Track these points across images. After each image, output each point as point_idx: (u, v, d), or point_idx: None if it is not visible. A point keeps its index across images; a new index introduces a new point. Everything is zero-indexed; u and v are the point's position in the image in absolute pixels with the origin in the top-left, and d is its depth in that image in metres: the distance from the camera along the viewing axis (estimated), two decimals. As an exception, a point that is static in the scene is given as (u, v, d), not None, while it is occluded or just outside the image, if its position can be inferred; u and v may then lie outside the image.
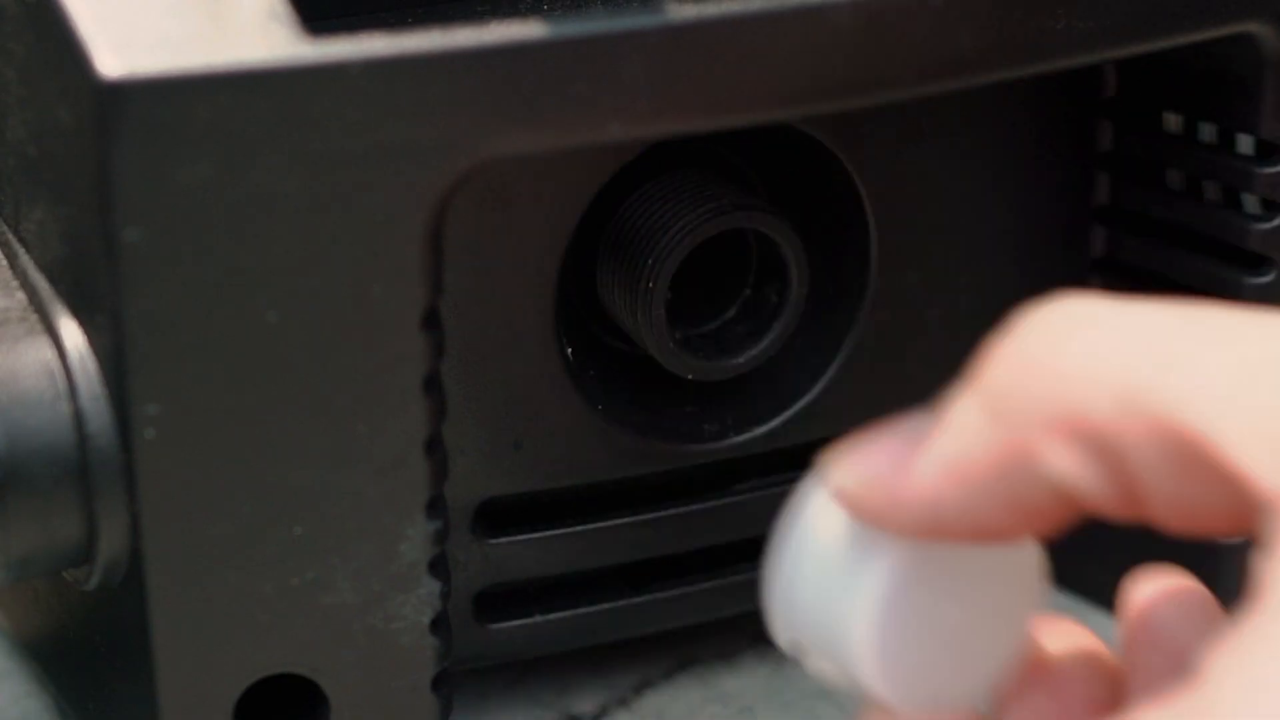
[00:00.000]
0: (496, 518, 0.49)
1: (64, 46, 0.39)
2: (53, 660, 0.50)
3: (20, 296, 0.43)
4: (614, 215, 0.48)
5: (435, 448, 0.43)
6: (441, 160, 0.40)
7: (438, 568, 0.43)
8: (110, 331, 0.40)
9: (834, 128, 0.49)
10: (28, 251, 0.44)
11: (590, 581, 0.50)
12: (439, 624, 0.44)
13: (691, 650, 0.54)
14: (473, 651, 0.49)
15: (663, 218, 0.48)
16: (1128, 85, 0.52)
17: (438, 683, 0.44)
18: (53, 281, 0.43)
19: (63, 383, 0.41)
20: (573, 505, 0.50)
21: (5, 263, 0.44)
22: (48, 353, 0.42)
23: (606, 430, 0.49)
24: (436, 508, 0.43)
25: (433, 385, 0.42)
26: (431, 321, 0.42)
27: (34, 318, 0.43)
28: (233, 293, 0.40)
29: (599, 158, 0.47)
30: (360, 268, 0.40)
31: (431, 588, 0.43)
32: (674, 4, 0.41)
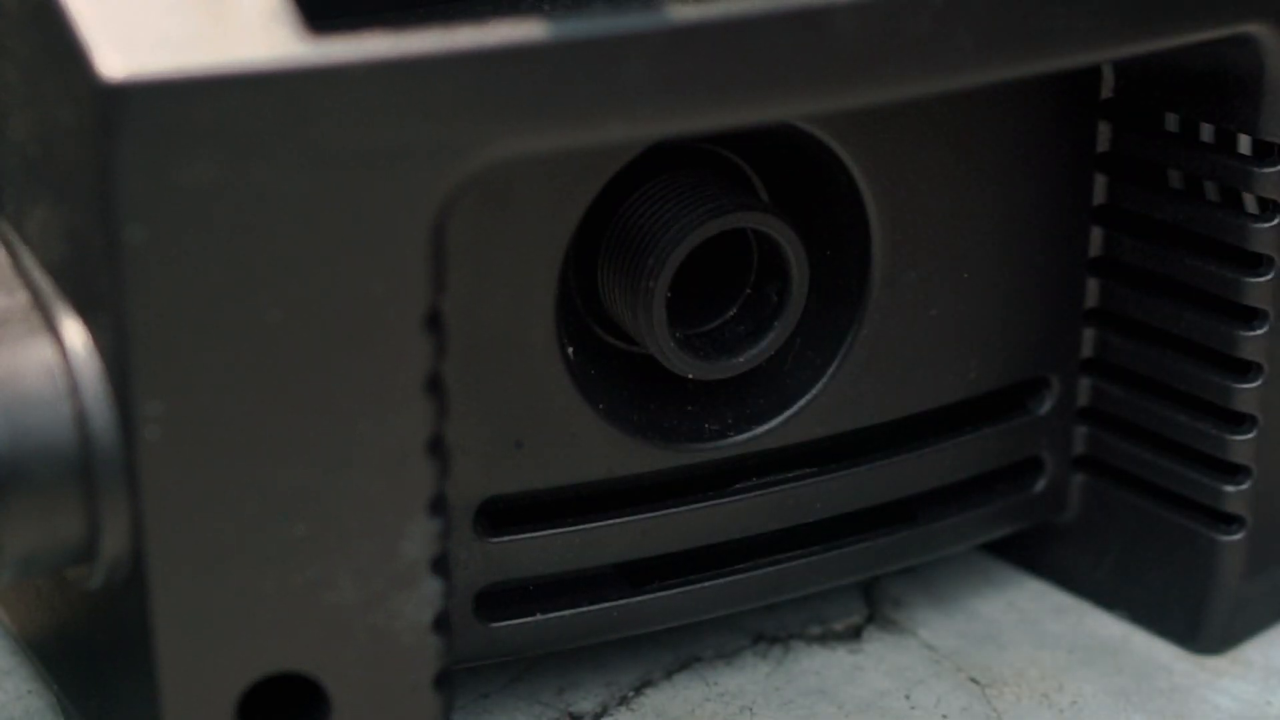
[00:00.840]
0: (498, 516, 0.49)
1: (66, 46, 0.39)
2: (55, 658, 0.50)
3: (22, 296, 0.43)
4: (614, 215, 0.48)
5: (437, 447, 0.43)
6: (445, 161, 0.40)
7: (439, 566, 0.43)
8: (113, 331, 0.40)
9: (835, 127, 0.49)
10: (30, 250, 0.44)
11: (591, 580, 0.50)
12: (440, 623, 0.44)
13: (692, 649, 0.54)
14: (474, 650, 0.49)
15: (663, 217, 0.48)
16: (1127, 85, 0.52)
17: (439, 681, 0.44)
18: (55, 281, 0.43)
19: (65, 382, 0.41)
20: (574, 504, 0.50)
21: (8, 262, 0.44)
22: (50, 352, 0.42)
23: (607, 429, 0.49)
24: (438, 506, 0.43)
25: (434, 384, 0.42)
26: (433, 321, 0.42)
27: (36, 317, 0.43)
28: (235, 292, 0.40)
29: (600, 157, 0.47)
30: (363, 268, 0.40)
31: (433, 586, 0.43)
32: (676, 5, 0.42)
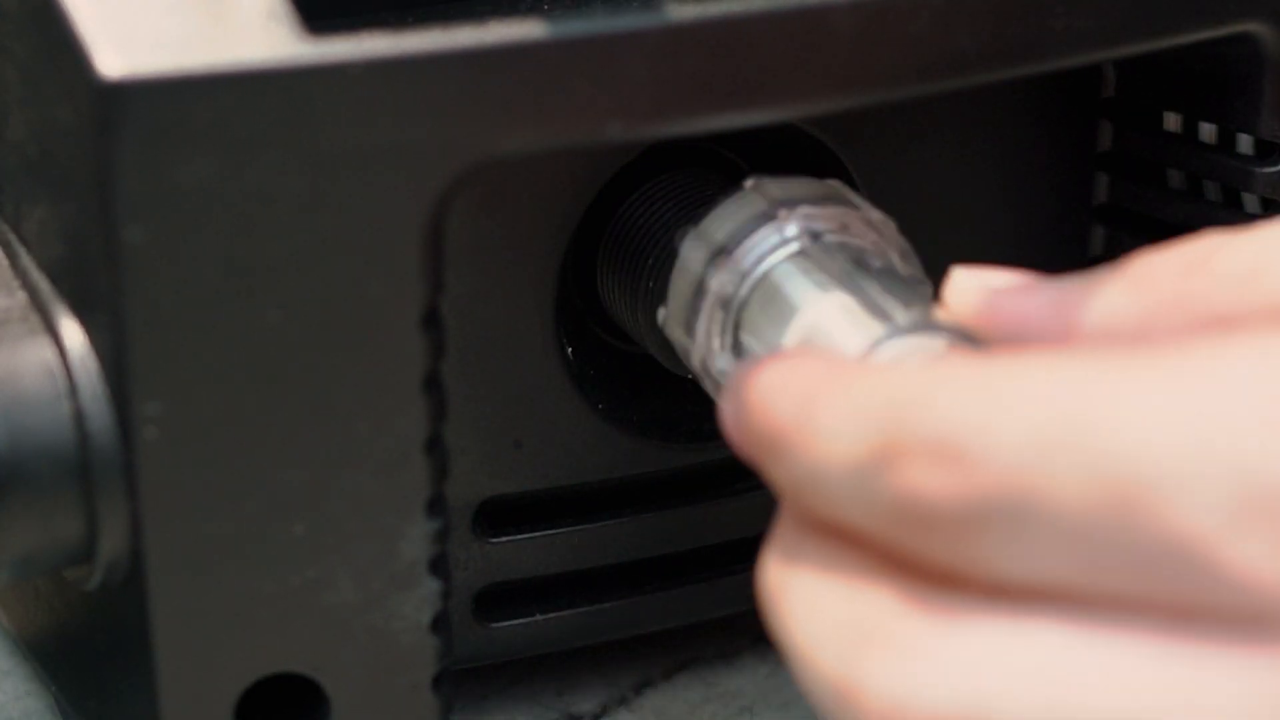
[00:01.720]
0: (497, 517, 0.49)
1: (65, 46, 0.39)
2: (54, 659, 0.50)
3: (21, 296, 0.43)
4: (614, 214, 0.48)
5: (435, 447, 0.43)
6: (442, 160, 0.40)
7: (438, 567, 0.43)
8: (111, 331, 0.40)
9: (834, 127, 0.49)
10: (29, 251, 0.44)
11: (590, 581, 0.50)
12: (439, 623, 0.44)
13: (691, 649, 0.54)
14: (473, 651, 0.49)
15: (663, 217, 0.48)
16: (1127, 85, 0.52)
17: (438, 682, 0.44)
18: (54, 281, 0.43)
19: (63, 382, 0.41)
20: (573, 504, 0.50)
21: (6, 262, 0.44)
22: (48, 352, 0.42)
23: (606, 429, 0.49)
24: (437, 507, 0.43)
25: (433, 384, 0.42)
26: (432, 321, 0.42)
27: (35, 317, 0.42)
28: (233, 292, 0.40)
29: (599, 157, 0.47)
30: (361, 267, 0.40)
31: (432, 587, 0.43)
32: (674, 4, 0.41)
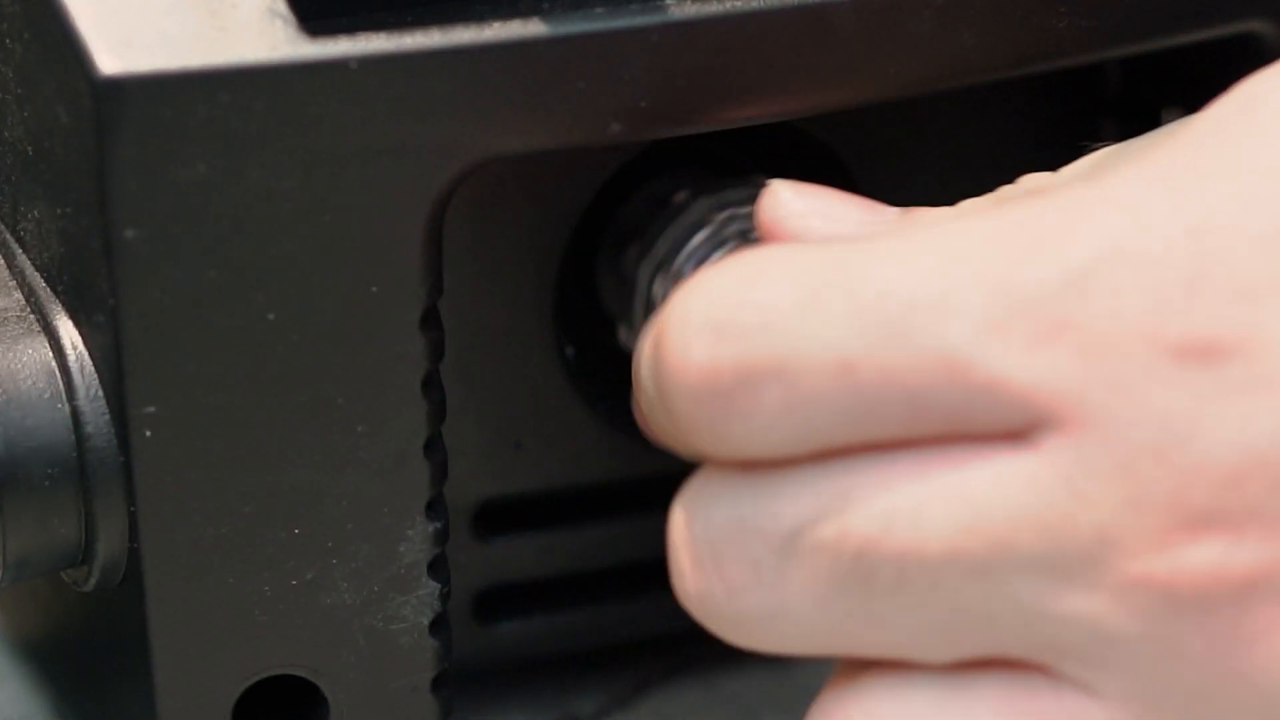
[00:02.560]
0: (496, 518, 0.49)
1: (62, 44, 0.39)
2: (51, 661, 0.50)
3: (18, 296, 0.43)
4: (614, 214, 0.48)
5: (435, 448, 0.42)
6: (441, 159, 0.40)
7: (437, 568, 0.43)
8: (108, 331, 0.40)
9: (836, 126, 0.49)
10: (25, 251, 0.44)
11: (590, 582, 0.50)
12: (439, 625, 0.44)
13: (692, 650, 0.54)
14: (473, 652, 0.49)
15: (663, 217, 0.48)
16: (1131, 84, 0.52)
17: (437, 684, 0.44)
18: (50, 281, 0.43)
19: (60, 383, 0.41)
20: (573, 506, 0.50)
21: (2, 262, 0.44)
22: (45, 353, 0.42)
23: (606, 430, 0.49)
24: (436, 508, 0.43)
25: (432, 385, 0.42)
26: (431, 321, 0.41)
27: (31, 317, 0.42)
28: (231, 292, 0.40)
29: (599, 157, 0.47)
30: (359, 267, 0.40)
31: (431, 588, 0.43)
32: (675, 2, 0.41)
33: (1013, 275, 0.33)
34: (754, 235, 0.45)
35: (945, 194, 0.51)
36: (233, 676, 0.42)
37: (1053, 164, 0.52)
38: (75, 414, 0.41)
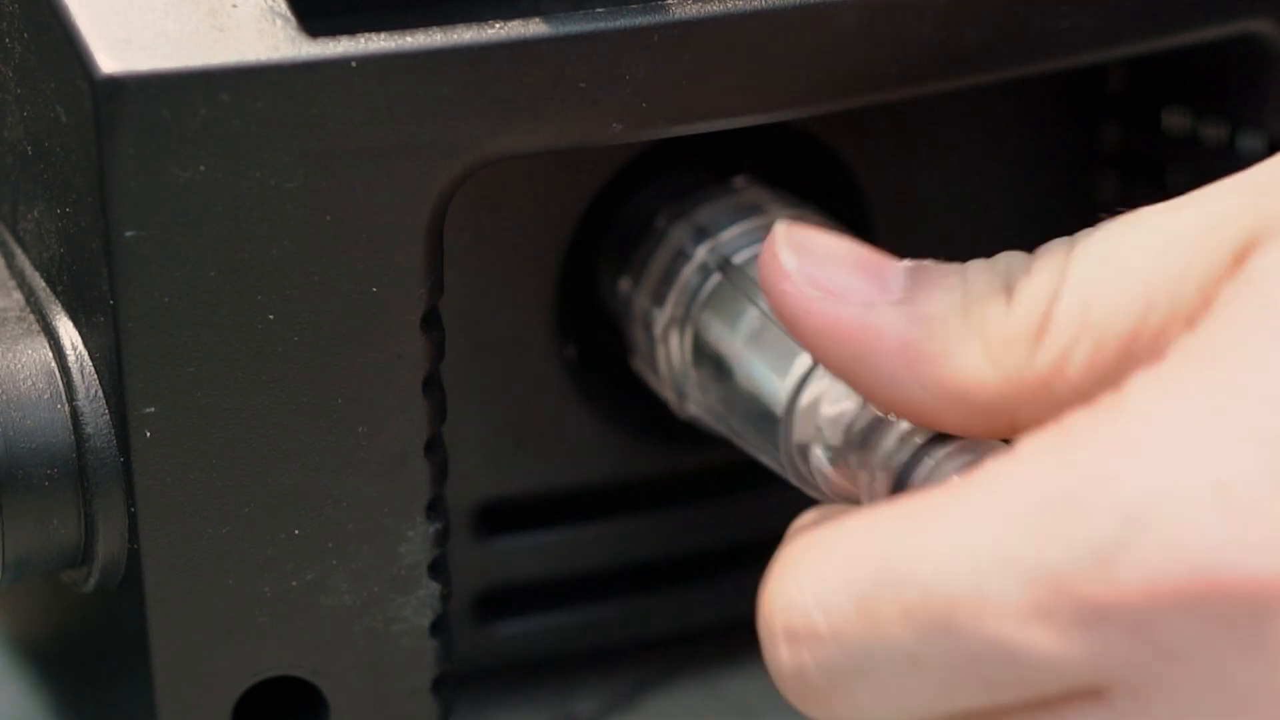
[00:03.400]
0: (497, 519, 0.49)
1: (62, 44, 0.39)
2: (51, 662, 0.50)
3: (17, 296, 0.43)
4: (615, 215, 0.48)
5: (435, 448, 0.42)
6: (442, 159, 0.40)
7: (438, 569, 0.43)
8: (108, 331, 0.40)
9: (837, 126, 0.48)
10: (25, 251, 0.44)
11: (591, 583, 0.50)
12: (439, 626, 0.44)
13: (692, 650, 0.54)
14: (473, 654, 0.49)
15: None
16: (1135, 83, 0.51)
17: (438, 685, 0.44)
18: (50, 281, 0.43)
19: (60, 383, 0.41)
20: (574, 506, 0.50)
21: (2, 262, 0.44)
22: (45, 353, 0.42)
23: (607, 431, 0.49)
24: (436, 509, 0.43)
25: (433, 386, 0.42)
26: (432, 322, 0.41)
27: (31, 318, 0.42)
28: (231, 293, 0.40)
29: (600, 156, 0.47)
30: (360, 267, 0.40)
31: (431, 589, 0.43)
32: (676, 2, 0.41)
33: (1043, 555, 0.33)
34: (736, 261, 0.45)
35: (946, 193, 0.51)
36: (233, 678, 0.42)
37: (1054, 164, 0.52)
38: (75, 414, 0.41)
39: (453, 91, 0.40)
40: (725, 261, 0.45)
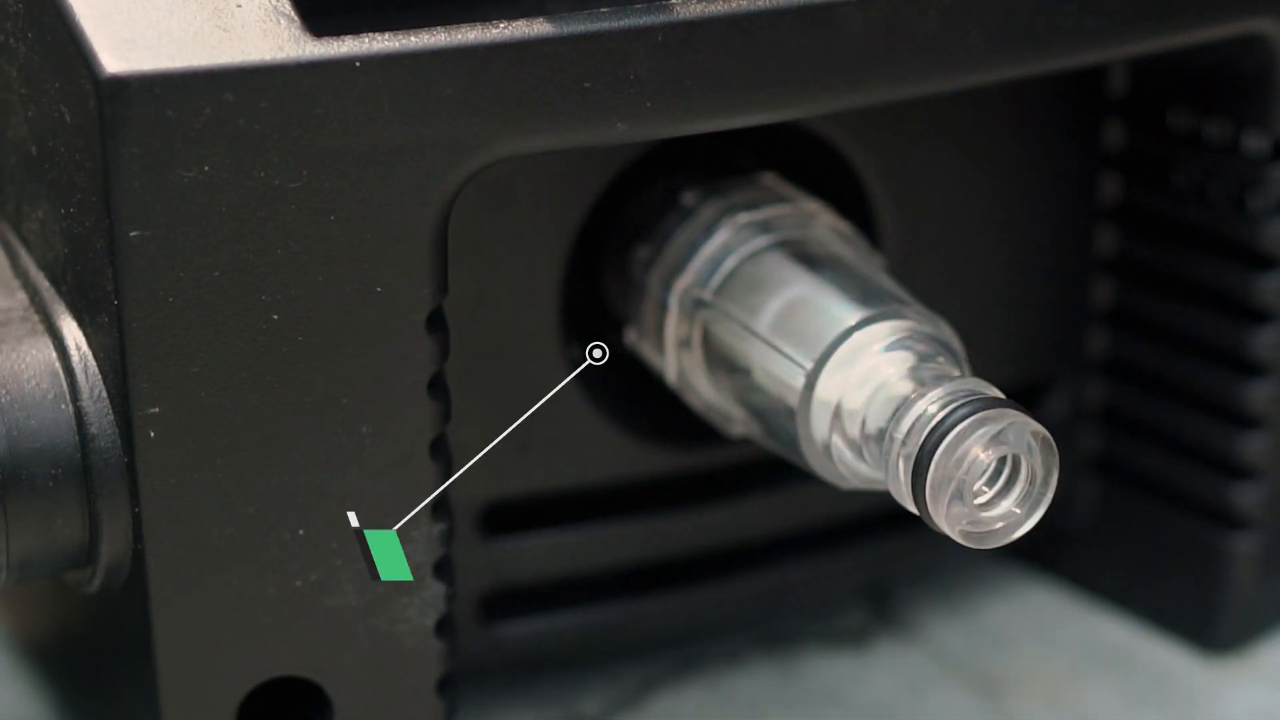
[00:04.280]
0: (502, 519, 0.49)
1: (66, 44, 0.39)
2: (55, 663, 0.50)
3: (22, 296, 0.43)
4: (620, 214, 0.48)
5: (440, 449, 0.42)
6: (446, 159, 0.40)
7: (442, 570, 0.43)
8: (112, 331, 0.40)
9: (842, 126, 0.48)
10: (29, 251, 0.44)
11: (596, 583, 0.50)
12: (444, 626, 0.44)
13: (696, 650, 0.54)
14: (478, 654, 0.49)
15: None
16: (1139, 83, 0.51)
17: (442, 685, 0.44)
18: (54, 281, 0.43)
19: (64, 383, 0.41)
20: (579, 506, 0.50)
21: (7, 262, 0.44)
22: (49, 353, 0.42)
23: (612, 431, 0.49)
24: (441, 509, 0.43)
25: (438, 386, 0.42)
26: (436, 322, 0.41)
27: (35, 318, 0.42)
28: (236, 293, 0.40)
29: (604, 156, 0.47)
30: (365, 268, 0.40)
31: (436, 590, 0.43)
32: (681, 2, 0.41)
33: None
34: (766, 241, 0.45)
35: (949, 192, 0.51)
36: (237, 679, 0.42)
37: (1058, 163, 0.52)
38: (79, 415, 0.41)
39: (457, 92, 0.40)
40: (757, 238, 0.45)
